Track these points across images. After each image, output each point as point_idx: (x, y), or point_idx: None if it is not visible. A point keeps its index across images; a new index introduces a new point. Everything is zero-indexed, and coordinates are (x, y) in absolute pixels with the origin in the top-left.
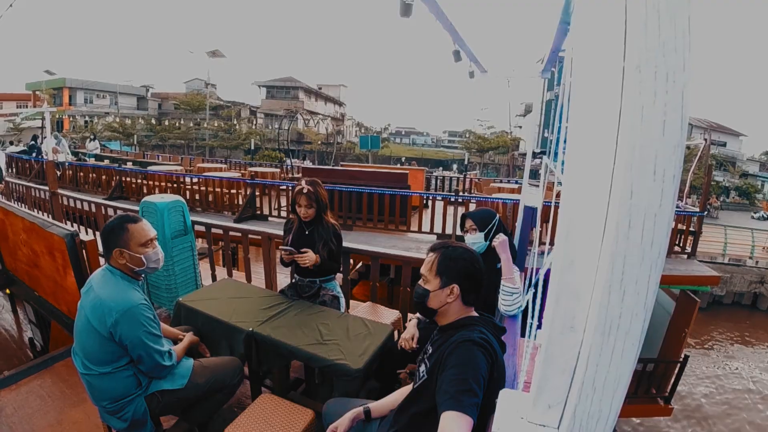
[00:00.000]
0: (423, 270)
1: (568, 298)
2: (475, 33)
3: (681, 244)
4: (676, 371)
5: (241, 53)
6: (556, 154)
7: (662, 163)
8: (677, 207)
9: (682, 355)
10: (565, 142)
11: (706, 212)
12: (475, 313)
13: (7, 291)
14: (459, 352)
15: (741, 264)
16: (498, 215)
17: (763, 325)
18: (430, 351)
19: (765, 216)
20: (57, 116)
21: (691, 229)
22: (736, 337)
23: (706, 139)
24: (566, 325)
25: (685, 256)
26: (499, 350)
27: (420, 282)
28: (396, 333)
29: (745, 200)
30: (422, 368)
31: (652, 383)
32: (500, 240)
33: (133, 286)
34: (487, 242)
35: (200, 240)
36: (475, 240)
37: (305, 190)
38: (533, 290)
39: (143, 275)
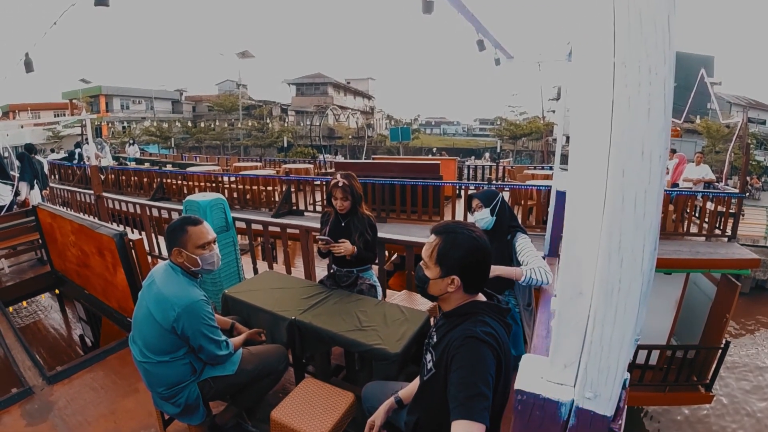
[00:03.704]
0: (423, 253)
1: (575, 267)
2: (498, 20)
3: (721, 227)
4: (717, 358)
5: (269, 52)
6: None
7: (649, 145)
8: (716, 188)
9: (723, 341)
10: None
11: (746, 194)
12: (480, 298)
13: (57, 291)
14: (464, 352)
15: None
16: (501, 193)
17: None
18: (435, 339)
19: None
20: (96, 123)
21: (731, 211)
22: None
23: (743, 117)
24: (575, 291)
25: (726, 239)
26: (506, 337)
27: (421, 264)
28: (432, 319)
29: None
30: (429, 358)
31: (693, 370)
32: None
33: (192, 283)
34: (494, 216)
35: (240, 237)
36: (482, 216)
37: (341, 184)
38: None
39: (200, 274)
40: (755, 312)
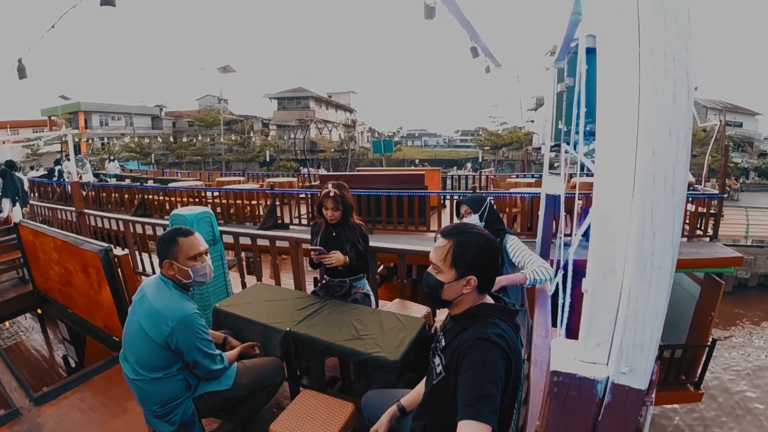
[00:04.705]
0: (435, 258)
1: (607, 245)
2: (488, 29)
3: (702, 228)
4: (704, 356)
5: (250, 67)
6: (576, 142)
7: (676, 125)
8: (696, 191)
9: (710, 339)
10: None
11: (726, 194)
12: (488, 299)
13: (38, 311)
14: (474, 353)
15: (765, 245)
16: (489, 199)
17: None
18: (444, 343)
19: None
20: (75, 139)
21: (712, 211)
22: (763, 318)
23: (721, 120)
24: (608, 269)
25: (707, 239)
26: (515, 339)
27: (431, 271)
28: (427, 326)
29: (765, 180)
30: (437, 361)
31: (681, 369)
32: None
33: (185, 296)
34: (483, 222)
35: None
36: (472, 221)
37: (332, 194)
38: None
39: (192, 287)
40: (738, 312)
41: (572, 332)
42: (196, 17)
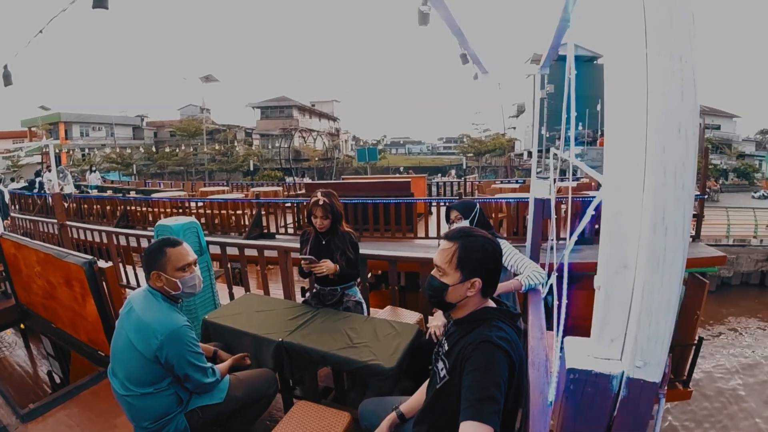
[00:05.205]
0: (440, 261)
1: (619, 242)
2: (477, 35)
3: None
4: (691, 354)
5: (233, 76)
6: (566, 145)
7: (684, 123)
8: None
9: (696, 338)
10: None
11: (706, 195)
12: (491, 303)
13: (21, 326)
14: (478, 355)
15: (746, 244)
16: (478, 204)
17: None
18: (447, 347)
19: (766, 194)
20: (56, 150)
21: (694, 212)
22: (747, 316)
23: (699, 123)
24: (620, 264)
25: (690, 240)
26: (519, 341)
27: (435, 274)
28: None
29: (744, 181)
30: (441, 365)
31: (670, 368)
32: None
33: (174, 308)
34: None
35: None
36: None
37: (321, 202)
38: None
39: (181, 299)
40: (722, 310)
41: (575, 335)
42: (178, 26)
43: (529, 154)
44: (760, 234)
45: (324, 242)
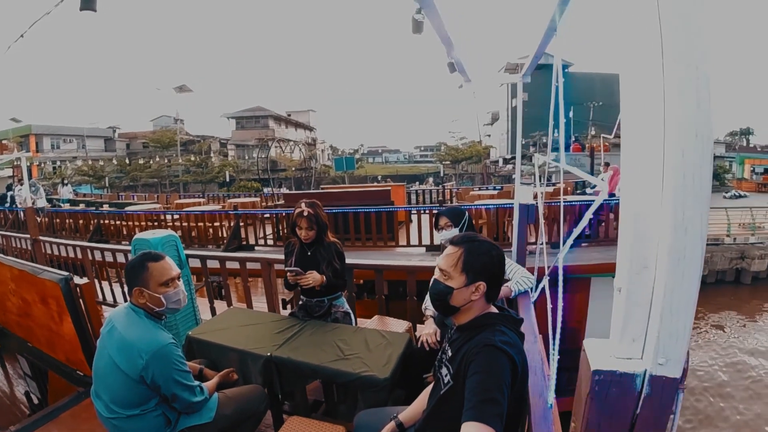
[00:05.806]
0: (444, 265)
1: (640, 243)
2: (463, 44)
3: None
4: None
5: (207, 86)
6: (554, 149)
7: (701, 128)
8: None
9: None
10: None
11: None
12: (494, 309)
13: None
14: (481, 359)
15: (720, 243)
16: (467, 212)
17: (748, 298)
18: (450, 353)
19: (736, 194)
20: (27, 163)
21: None
22: (726, 310)
23: None
24: (641, 265)
25: None
26: (522, 346)
27: (439, 278)
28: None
29: (715, 181)
30: (444, 371)
31: None
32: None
33: (158, 325)
34: None
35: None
36: (451, 234)
37: (305, 213)
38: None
39: (165, 315)
40: (698, 309)
41: (565, 337)
42: (150, 36)
43: (505, 161)
44: (733, 232)
45: (309, 253)
